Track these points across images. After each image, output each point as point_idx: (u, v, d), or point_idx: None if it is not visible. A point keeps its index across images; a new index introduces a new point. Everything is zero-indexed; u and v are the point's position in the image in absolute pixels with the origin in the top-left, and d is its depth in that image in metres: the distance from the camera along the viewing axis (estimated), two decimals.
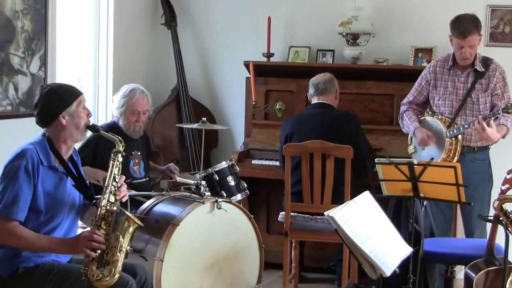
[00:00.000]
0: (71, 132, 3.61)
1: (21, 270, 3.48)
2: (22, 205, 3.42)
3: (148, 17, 6.62)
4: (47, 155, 3.55)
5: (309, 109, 5.39)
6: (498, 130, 4.79)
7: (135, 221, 3.48)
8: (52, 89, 3.64)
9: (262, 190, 5.99)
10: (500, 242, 3.98)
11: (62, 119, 3.58)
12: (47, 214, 3.52)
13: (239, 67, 6.21)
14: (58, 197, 3.57)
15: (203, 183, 4.64)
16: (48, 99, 3.60)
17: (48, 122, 3.61)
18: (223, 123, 6.45)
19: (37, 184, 3.48)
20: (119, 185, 3.61)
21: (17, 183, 3.42)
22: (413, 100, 5.19)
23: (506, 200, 3.60)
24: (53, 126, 3.60)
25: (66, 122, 3.59)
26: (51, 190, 3.54)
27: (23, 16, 4.96)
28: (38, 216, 3.50)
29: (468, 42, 4.83)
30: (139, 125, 5.04)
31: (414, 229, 4.24)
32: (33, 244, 3.43)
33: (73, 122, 3.60)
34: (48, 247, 3.47)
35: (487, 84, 4.94)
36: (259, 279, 4.68)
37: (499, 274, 3.78)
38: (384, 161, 4.19)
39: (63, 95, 3.61)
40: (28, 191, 3.45)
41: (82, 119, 3.63)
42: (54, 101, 3.60)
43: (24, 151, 3.51)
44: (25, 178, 3.44)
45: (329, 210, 3.66)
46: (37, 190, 3.48)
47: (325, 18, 6.24)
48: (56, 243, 3.47)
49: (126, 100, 4.99)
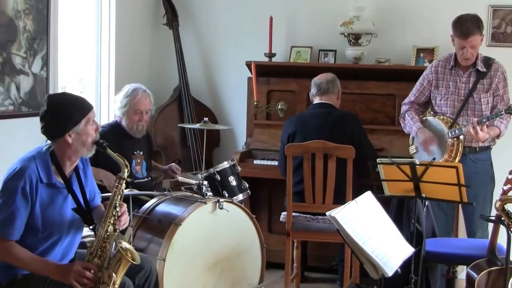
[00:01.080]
0: (76, 150, 3.50)
1: (19, 277, 3.46)
2: (18, 225, 3.36)
3: (150, 17, 6.62)
4: (47, 171, 3.46)
5: (311, 109, 5.39)
6: (489, 130, 4.79)
7: (128, 260, 3.37)
8: (60, 104, 3.50)
9: (264, 190, 6.00)
10: (502, 242, 3.99)
11: (68, 138, 3.46)
12: (45, 231, 3.46)
13: (241, 67, 6.21)
14: (56, 215, 3.49)
15: (205, 183, 4.65)
16: (55, 114, 3.47)
17: (53, 138, 3.50)
18: (225, 123, 6.45)
19: (35, 203, 3.41)
20: (120, 214, 3.50)
21: (14, 204, 3.35)
22: (415, 100, 5.19)
23: (508, 201, 3.60)
24: (59, 141, 3.49)
25: (72, 140, 3.47)
26: (50, 208, 3.47)
27: (25, 16, 4.97)
28: (36, 233, 3.44)
29: (470, 42, 4.83)
30: (142, 125, 5.04)
31: (416, 229, 4.23)
32: (27, 264, 3.39)
33: (80, 140, 3.48)
34: (41, 270, 3.39)
35: (489, 84, 4.93)
36: (261, 279, 4.69)
37: (501, 274, 3.79)
38: (386, 161, 4.19)
39: (71, 112, 3.47)
40: (25, 212, 3.38)
41: (90, 136, 3.51)
42: (61, 118, 3.46)
43: (23, 170, 3.40)
44: (22, 199, 3.37)
45: (330, 210, 3.66)
46: (34, 209, 3.41)
47: (327, 18, 6.23)
48: (49, 267, 3.39)
49: (129, 100, 4.99)
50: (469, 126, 4.72)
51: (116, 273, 3.38)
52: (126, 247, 3.40)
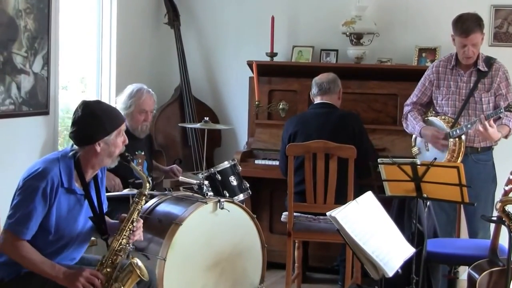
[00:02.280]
0: (102, 159, 3.52)
1: (22, 273, 3.47)
2: (33, 225, 3.37)
3: (151, 16, 6.61)
4: (69, 177, 3.47)
5: (312, 108, 5.38)
6: (499, 130, 4.78)
7: (138, 275, 3.39)
8: (96, 111, 3.51)
9: (265, 190, 5.99)
10: (503, 243, 3.98)
11: (97, 146, 3.47)
12: (56, 235, 3.47)
13: (242, 66, 6.21)
14: (70, 221, 3.51)
15: (206, 183, 4.64)
16: (89, 121, 3.48)
17: (82, 144, 3.50)
18: (226, 123, 6.45)
19: (53, 206, 3.42)
20: (135, 229, 3.52)
21: (32, 204, 3.36)
22: (417, 100, 5.18)
23: (508, 202, 3.59)
24: (86, 149, 3.50)
25: (100, 149, 3.48)
26: (64, 213, 3.48)
27: (26, 15, 4.96)
28: (46, 235, 3.44)
29: (471, 40, 4.82)
30: (146, 125, 5.06)
31: (417, 229, 4.23)
32: (35, 266, 3.39)
33: (108, 150, 3.50)
34: (48, 273, 3.40)
35: (490, 83, 4.92)
36: (262, 279, 4.68)
37: (502, 274, 3.78)
38: (387, 161, 4.19)
39: (105, 122, 3.49)
40: (41, 213, 3.39)
41: (118, 148, 3.54)
42: (95, 126, 3.47)
43: (47, 172, 3.41)
44: (41, 200, 3.38)
45: (331, 211, 3.65)
46: (51, 211, 3.42)
47: (328, 18, 6.23)
48: (57, 271, 3.39)
49: (134, 100, 4.99)
50: (477, 124, 4.69)
51: (124, 286, 3.40)
52: (137, 264, 3.42)
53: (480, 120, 4.65)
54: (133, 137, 5.02)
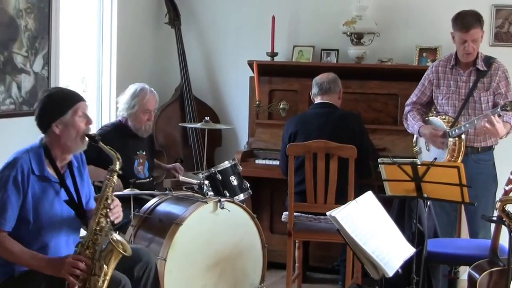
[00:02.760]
0: (65, 142, 3.50)
1: (17, 274, 3.45)
2: (9, 215, 3.36)
3: (152, 16, 6.61)
4: (40, 163, 3.47)
5: (313, 108, 5.38)
6: (504, 126, 4.77)
7: (119, 251, 3.37)
8: (49, 95, 3.54)
9: (265, 190, 5.99)
10: (504, 243, 3.97)
11: (55, 128, 3.47)
12: (36, 224, 3.45)
13: (243, 66, 6.21)
14: (48, 208, 3.48)
15: (206, 182, 4.64)
16: (44, 105, 3.51)
17: (43, 130, 3.52)
18: (226, 123, 6.45)
19: (27, 194, 3.41)
20: (112, 207, 3.48)
21: (5, 194, 3.36)
22: (417, 100, 5.18)
23: (508, 202, 3.59)
24: (49, 134, 3.50)
25: (59, 131, 3.47)
26: (41, 201, 3.46)
27: (26, 15, 4.96)
28: (26, 225, 3.43)
29: (471, 35, 4.82)
30: (149, 124, 5.06)
31: (418, 229, 4.23)
32: (18, 258, 3.38)
33: (67, 131, 3.48)
34: (32, 264, 3.39)
35: (489, 83, 4.92)
36: (262, 279, 4.69)
37: (502, 274, 3.78)
38: (387, 161, 4.18)
39: (59, 103, 3.50)
40: (16, 202, 3.38)
41: (79, 129, 3.50)
42: (48, 109, 3.49)
43: (16, 160, 3.42)
44: (13, 189, 3.37)
45: (331, 210, 3.65)
46: (26, 200, 3.41)
47: (329, 18, 6.23)
48: (40, 261, 3.38)
49: (138, 100, 5.00)
50: (483, 121, 4.67)
51: (108, 265, 3.37)
52: (117, 239, 3.39)
53: (486, 116, 4.63)
54: (135, 137, 5.03)
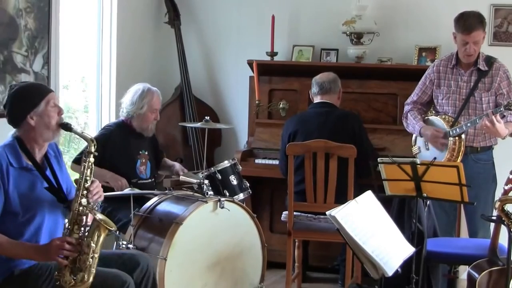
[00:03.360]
0: (41, 132, 3.55)
1: (16, 272, 3.47)
2: None
3: (151, 15, 6.61)
4: (17, 156, 3.50)
5: (312, 108, 5.38)
6: (506, 126, 4.77)
7: (106, 227, 3.42)
8: (19, 89, 3.58)
9: (265, 190, 5.99)
10: (503, 242, 3.98)
11: (30, 120, 3.52)
12: (26, 214, 3.47)
13: (242, 66, 6.21)
14: (35, 197, 3.52)
15: (206, 182, 4.64)
16: (15, 99, 3.55)
17: (17, 123, 3.56)
18: (226, 122, 6.45)
19: (8, 187, 3.43)
20: (91, 188, 3.52)
21: None
22: (417, 99, 5.18)
23: (507, 201, 3.59)
24: (22, 127, 3.54)
25: (35, 122, 3.52)
26: (26, 190, 3.49)
27: (26, 14, 4.96)
28: (16, 217, 3.45)
29: (473, 37, 4.82)
30: (155, 123, 5.12)
31: (417, 229, 4.23)
32: (7, 249, 3.40)
33: (42, 122, 3.53)
34: (21, 254, 3.42)
35: (490, 83, 4.92)
36: (262, 278, 4.69)
37: (502, 274, 3.78)
38: (387, 161, 4.19)
39: (30, 95, 3.55)
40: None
41: (53, 118, 3.55)
42: (21, 102, 3.54)
43: None
44: None
45: (331, 210, 3.66)
46: (9, 193, 3.44)
47: (329, 17, 6.23)
48: (29, 250, 3.41)
49: (148, 100, 5.03)
50: (484, 120, 4.68)
51: (95, 242, 3.40)
52: (100, 217, 3.44)
53: (487, 115, 4.63)
54: (138, 136, 5.04)
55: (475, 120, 4.75)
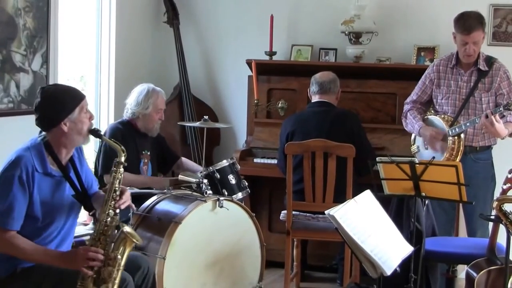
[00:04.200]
0: (72, 138, 3.52)
1: (19, 270, 3.46)
2: (17, 215, 3.37)
3: (150, 15, 6.61)
4: (42, 161, 3.47)
5: (310, 107, 5.39)
6: (506, 127, 4.77)
7: (132, 240, 3.41)
8: (54, 94, 3.52)
9: (264, 189, 5.99)
10: (502, 242, 3.98)
11: (63, 126, 3.48)
12: (45, 220, 3.47)
13: (241, 65, 6.21)
14: (55, 203, 3.51)
15: (205, 181, 4.64)
16: (49, 104, 3.49)
17: (49, 128, 3.52)
18: (225, 122, 6.45)
19: (33, 192, 3.42)
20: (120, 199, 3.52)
21: (11, 193, 3.36)
22: (417, 99, 5.18)
23: (505, 201, 3.59)
24: (54, 131, 3.51)
25: (67, 129, 3.49)
26: (47, 197, 3.48)
27: (25, 13, 4.97)
28: (35, 222, 3.45)
29: (473, 38, 4.82)
30: (159, 122, 5.12)
31: (416, 228, 4.23)
32: (30, 255, 3.39)
33: (75, 128, 3.50)
34: (45, 260, 3.41)
35: (490, 83, 4.92)
36: (260, 277, 4.69)
37: (500, 273, 3.79)
38: (386, 160, 4.19)
39: (65, 101, 3.50)
40: (23, 201, 3.39)
41: (85, 124, 3.53)
42: (56, 107, 3.49)
43: (19, 159, 3.42)
44: (19, 188, 3.38)
45: (329, 209, 3.66)
46: (33, 198, 3.42)
47: (327, 17, 6.23)
48: (53, 257, 3.41)
49: (153, 101, 5.03)
50: (483, 118, 4.68)
51: (121, 256, 3.40)
52: (128, 230, 3.43)
53: (486, 115, 4.64)
54: (142, 136, 5.04)
55: (475, 120, 4.75)
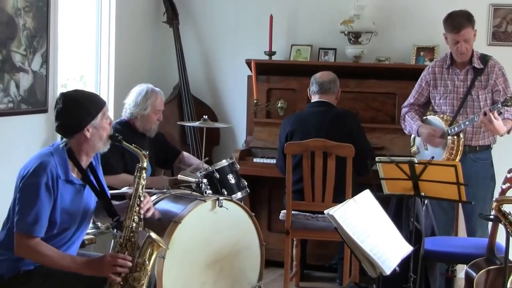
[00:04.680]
0: (94, 144, 3.52)
1: (22, 271, 3.46)
2: (44, 221, 3.37)
3: (150, 15, 6.62)
4: (65, 168, 3.46)
5: (310, 107, 5.39)
6: (504, 123, 4.78)
7: (160, 245, 3.43)
8: (76, 99, 3.51)
9: (263, 188, 6.00)
10: (501, 241, 3.98)
11: (86, 132, 3.46)
12: (61, 226, 3.47)
13: (241, 65, 6.21)
14: (73, 210, 3.51)
15: (204, 181, 4.64)
16: (72, 110, 3.47)
17: (71, 134, 3.50)
18: (224, 121, 6.45)
19: (57, 198, 3.42)
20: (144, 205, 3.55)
21: (39, 200, 3.35)
22: (414, 101, 5.19)
23: (504, 201, 3.59)
24: (76, 137, 3.49)
25: (90, 134, 3.48)
26: (67, 204, 3.47)
27: (25, 13, 4.97)
28: (53, 228, 3.44)
29: (463, 36, 4.84)
30: (158, 123, 5.12)
31: (415, 228, 4.23)
32: (56, 262, 3.37)
33: (97, 134, 3.50)
34: (71, 267, 3.38)
35: (486, 80, 4.94)
36: (260, 277, 4.69)
37: (500, 273, 3.79)
38: (385, 160, 4.19)
39: (88, 106, 3.49)
40: (49, 207, 3.38)
41: (106, 130, 3.53)
42: (79, 113, 3.47)
43: (45, 166, 3.39)
44: (46, 195, 3.37)
45: (329, 209, 3.66)
46: (55, 205, 3.42)
47: (327, 17, 6.24)
48: (80, 264, 3.39)
49: (152, 101, 5.02)
50: (481, 115, 4.68)
51: (149, 260, 3.42)
52: (154, 236, 3.45)
53: (485, 112, 4.64)
54: (140, 136, 5.04)
55: (473, 118, 4.77)
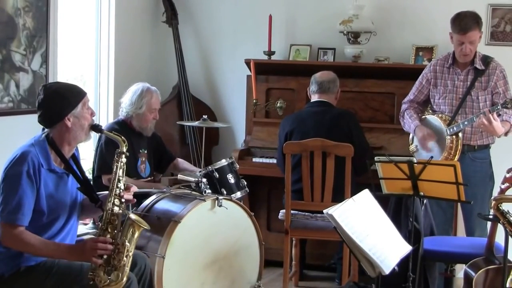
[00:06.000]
0: (75, 134, 3.58)
1: (22, 268, 3.49)
2: (27, 210, 3.41)
3: (149, 14, 6.62)
4: (47, 158, 3.52)
5: (309, 107, 5.40)
6: (503, 125, 4.79)
7: (140, 225, 3.46)
8: (57, 90, 3.59)
9: (262, 188, 6.00)
10: (500, 241, 3.99)
11: (67, 121, 3.54)
12: (50, 216, 3.51)
13: (240, 65, 6.22)
14: (59, 198, 3.56)
15: (204, 180, 4.65)
16: (53, 100, 3.55)
17: (52, 124, 3.56)
18: (224, 121, 6.46)
19: (40, 187, 3.46)
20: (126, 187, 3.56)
21: (20, 188, 3.40)
22: (414, 99, 5.20)
23: (503, 200, 3.59)
24: (57, 127, 3.56)
25: (71, 124, 3.54)
26: (52, 192, 3.52)
27: (24, 13, 4.98)
28: (41, 217, 3.48)
29: (469, 37, 4.84)
30: (154, 122, 5.12)
31: (414, 227, 4.24)
32: (39, 250, 3.42)
33: (78, 123, 3.56)
34: (55, 254, 3.45)
35: (486, 82, 4.94)
36: (259, 276, 4.70)
37: (498, 272, 3.79)
38: (384, 159, 4.20)
39: (69, 96, 3.56)
40: (31, 196, 3.43)
41: (87, 120, 3.60)
42: (59, 103, 3.54)
43: (25, 155, 3.46)
44: (28, 183, 3.42)
45: (328, 208, 3.66)
46: (39, 193, 3.46)
47: (326, 17, 6.24)
48: (63, 250, 3.45)
49: (146, 101, 5.03)
50: (481, 116, 4.70)
51: (130, 242, 3.44)
52: (133, 217, 3.47)
53: (484, 113, 4.65)
54: (138, 135, 5.05)
55: (472, 118, 4.77)
